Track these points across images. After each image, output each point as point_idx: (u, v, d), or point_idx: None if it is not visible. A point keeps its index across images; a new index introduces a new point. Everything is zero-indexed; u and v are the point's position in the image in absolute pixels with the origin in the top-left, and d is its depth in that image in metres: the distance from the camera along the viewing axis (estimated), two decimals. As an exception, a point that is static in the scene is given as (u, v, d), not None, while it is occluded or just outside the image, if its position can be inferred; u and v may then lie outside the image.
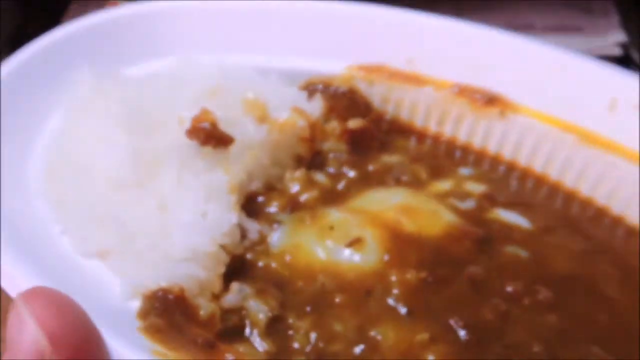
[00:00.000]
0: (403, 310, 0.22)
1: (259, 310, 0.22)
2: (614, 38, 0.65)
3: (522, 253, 0.24)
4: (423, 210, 0.24)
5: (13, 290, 0.19)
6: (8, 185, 0.23)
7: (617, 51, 0.65)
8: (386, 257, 0.23)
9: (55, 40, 0.27)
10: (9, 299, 0.41)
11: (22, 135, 0.25)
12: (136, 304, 0.20)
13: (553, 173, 0.26)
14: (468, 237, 0.24)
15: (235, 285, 0.22)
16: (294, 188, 0.25)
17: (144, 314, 0.20)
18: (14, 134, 0.25)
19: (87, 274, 0.19)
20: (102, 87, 0.26)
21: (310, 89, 0.28)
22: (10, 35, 0.71)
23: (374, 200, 0.25)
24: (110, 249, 0.22)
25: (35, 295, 0.17)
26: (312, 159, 0.27)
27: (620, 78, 0.25)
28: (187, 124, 0.24)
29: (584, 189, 0.26)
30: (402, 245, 0.23)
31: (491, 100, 0.27)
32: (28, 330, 0.16)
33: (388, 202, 0.24)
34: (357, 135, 0.28)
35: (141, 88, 0.26)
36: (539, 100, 0.26)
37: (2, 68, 0.26)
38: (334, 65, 0.29)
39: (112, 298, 0.20)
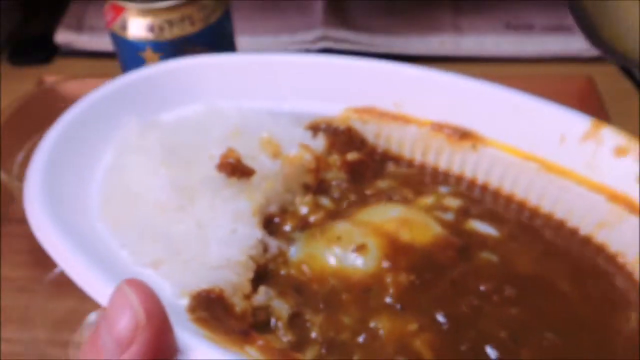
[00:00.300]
0: (397, 306, 0.27)
1: (282, 308, 0.27)
2: (614, 38, 0.64)
3: (493, 257, 0.29)
4: (417, 222, 0.30)
5: (90, 290, 0.26)
6: (74, 209, 0.29)
7: (616, 51, 0.65)
8: (384, 262, 0.28)
9: (106, 93, 0.33)
10: (9, 299, 0.41)
11: (83, 169, 0.31)
12: (184, 302, 0.26)
13: (519, 193, 0.32)
14: (451, 247, 0.29)
15: (262, 289, 0.28)
16: (304, 210, 0.31)
17: (192, 309, 0.25)
18: (77, 167, 0.31)
19: (144, 279, 0.23)
20: (144, 131, 0.32)
21: (314, 128, 0.34)
22: (10, 35, 0.71)
23: (375, 213, 0.30)
24: (160, 260, 0.28)
25: (135, 282, 0.22)
26: (317, 186, 0.33)
27: (567, 116, 0.31)
28: (217, 160, 0.30)
29: (545, 205, 0.31)
30: (397, 252, 0.28)
31: (464, 135, 0.32)
32: (130, 304, 0.21)
33: (388, 214, 0.30)
34: (355, 165, 0.34)
35: (176, 131, 0.33)
36: (504, 135, 0.32)
37: (66, 115, 0.32)
38: (334, 108, 0.35)
39: (166, 297, 0.25)
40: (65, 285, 0.41)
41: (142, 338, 0.21)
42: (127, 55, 0.45)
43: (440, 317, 0.26)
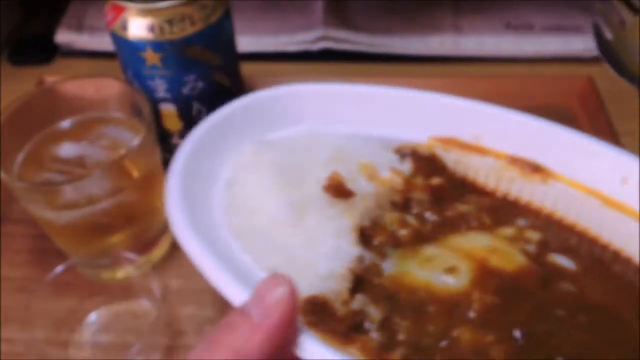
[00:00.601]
0: (479, 321, 0.30)
1: (375, 313, 0.31)
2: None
3: (571, 288, 0.32)
4: (505, 251, 0.33)
5: (221, 287, 0.29)
6: (203, 219, 0.34)
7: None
8: (473, 283, 0.32)
9: (221, 117, 0.38)
10: (9, 299, 0.41)
11: (206, 184, 0.36)
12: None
13: (585, 224, 0.36)
14: (534, 275, 0.32)
15: (359, 296, 0.32)
16: (392, 226, 0.35)
17: (303, 312, 0.29)
18: (202, 181, 0.36)
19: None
20: (257, 150, 0.38)
21: (402, 153, 0.39)
22: (10, 35, 0.71)
23: (465, 240, 0.34)
24: (277, 267, 0.32)
25: (282, 274, 0.27)
26: (403, 204, 0.37)
27: (627, 158, 0.34)
28: (322, 182, 0.35)
29: (612, 240, 0.35)
30: (486, 275, 0.32)
31: (536, 169, 0.37)
32: (282, 286, 0.26)
33: (479, 242, 0.34)
34: (436, 188, 0.38)
35: (284, 152, 0.37)
36: (571, 172, 0.36)
37: (191, 135, 0.37)
38: (420, 136, 0.39)
39: None
40: (65, 285, 0.41)
41: (284, 309, 0.26)
42: (128, 55, 0.46)
43: (516, 333, 0.30)
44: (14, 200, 0.50)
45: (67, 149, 0.44)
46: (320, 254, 0.32)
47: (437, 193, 0.37)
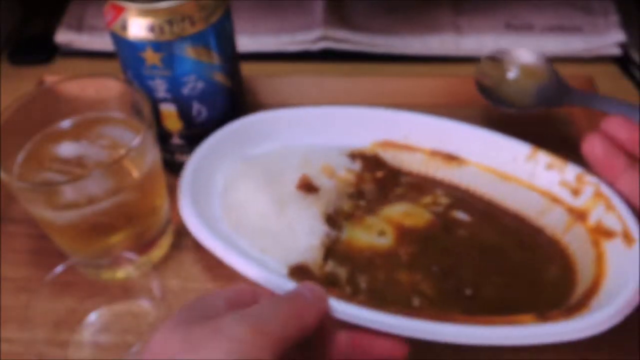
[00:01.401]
0: (408, 265, 0.43)
1: (342, 272, 0.43)
2: (614, 38, 0.64)
3: (466, 233, 0.45)
4: (415, 213, 0.47)
5: (233, 264, 0.40)
6: (205, 214, 0.44)
7: (616, 51, 0.65)
8: (397, 239, 0.45)
9: (216, 137, 0.49)
10: (9, 299, 0.41)
11: (208, 188, 0.47)
12: (285, 272, 0.41)
13: (487, 193, 0.48)
14: (437, 225, 0.45)
15: (330, 262, 0.43)
16: (349, 211, 0.47)
17: (292, 275, 0.41)
18: (205, 187, 0.47)
19: (260, 258, 0.42)
20: (244, 163, 0.49)
21: (353, 156, 0.50)
22: (10, 35, 0.71)
23: (390, 210, 0.47)
24: (267, 248, 0.43)
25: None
26: (357, 194, 0.48)
27: (516, 144, 0.46)
28: (296, 182, 0.47)
29: (504, 201, 0.47)
30: (404, 232, 0.45)
31: (452, 158, 0.49)
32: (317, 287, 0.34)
33: (398, 210, 0.47)
34: (380, 180, 0.49)
35: (266, 163, 0.48)
36: (478, 157, 0.48)
37: (195, 153, 0.48)
38: (365, 142, 0.51)
39: (274, 270, 0.41)
40: (65, 285, 0.41)
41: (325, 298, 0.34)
42: (128, 56, 0.46)
43: (434, 269, 0.42)
44: (14, 200, 0.50)
45: (67, 149, 0.44)
46: (300, 234, 0.43)
47: (381, 183, 0.49)
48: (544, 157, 0.45)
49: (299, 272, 0.41)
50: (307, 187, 0.46)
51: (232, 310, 0.30)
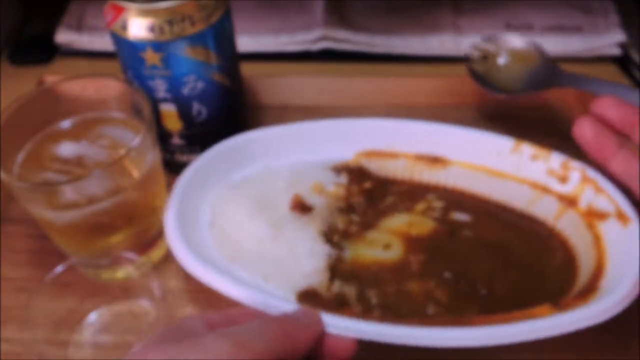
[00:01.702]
0: (419, 274, 0.42)
1: (350, 290, 0.41)
2: (614, 38, 0.64)
3: (470, 233, 0.45)
4: (419, 222, 0.46)
5: (236, 297, 0.38)
6: (192, 233, 0.43)
7: (616, 51, 0.65)
8: (406, 250, 0.44)
9: (199, 162, 0.47)
10: (9, 299, 0.41)
11: (194, 222, 0.45)
12: (293, 299, 0.40)
13: (477, 190, 0.48)
14: (442, 231, 0.45)
15: (336, 282, 0.42)
16: (343, 226, 0.46)
17: (301, 301, 0.40)
18: (190, 221, 0.44)
19: (262, 289, 0.40)
20: (229, 189, 0.47)
21: (337, 169, 0.49)
22: (10, 35, 0.71)
23: (391, 222, 0.46)
24: (270, 275, 0.41)
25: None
26: (347, 208, 0.47)
27: (498, 139, 0.47)
28: (288, 204, 0.45)
29: (494, 195, 0.48)
30: (412, 242, 0.44)
31: (436, 160, 0.49)
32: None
33: (400, 221, 0.46)
34: (368, 191, 0.48)
35: (252, 186, 0.47)
36: (461, 156, 0.48)
37: (180, 178, 0.46)
38: (348, 154, 0.50)
39: (280, 298, 0.39)
40: (65, 285, 0.41)
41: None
42: (128, 56, 0.46)
43: (447, 275, 0.42)
44: (14, 200, 0.50)
45: (67, 149, 0.44)
46: (301, 257, 0.42)
47: (369, 194, 0.48)
48: (528, 149, 0.46)
49: (307, 296, 0.40)
50: (301, 207, 0.45)
51: (213, 330, 0.30)
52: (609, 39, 0.64)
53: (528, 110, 0.57)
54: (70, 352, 0.41)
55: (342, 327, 0.35)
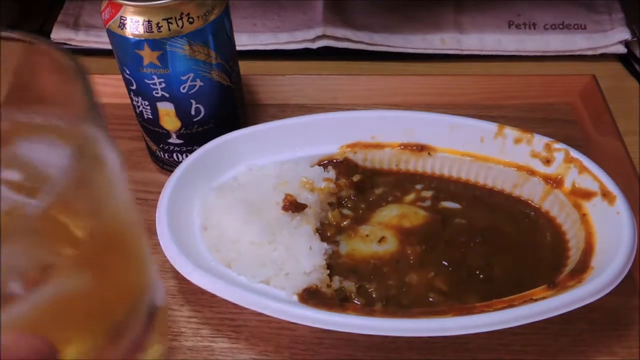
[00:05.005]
0: (417, 265, 0.43)
1: (350, 285, 0.42)
2: (618, 36, 0.64)
3: (463, 221, 0.46)
4: (410, 213, 0.46)
5: (238, 302, 0.39)
6: (185, 240, 0.43)
7: (621, 49, 0.64)
8: (401, 242, 0.44)
9: (187, 165, 0.47)
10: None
11: (185, 230, 0.44)
12: (295, 299, 0.40)
13: (463, 176, 0.49)
14: (435, 220, 0.46)
15: (335, 278, 0.42)
16: (335, 221, 0.46)
17: (303, 300, 0.40)
18: (182, 223, 0.44)
19: (264, 291, 0.40)
20: (218, 193, 0.46)
21: (324, 164, 0.49)
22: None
23: (383, 215, 0.47)
24: (270, 277, 0.41)
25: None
26: (337, 202, 0.48)
27: (481, 124, 0.48)
28: (280, 204, 0.44)
29: (481, 180, 0.49)
30: (406, 234, 0.45)
31: (422, 148, 0.49)
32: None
33: (392, 214, 0.47)
34: (357, 183, 0.48)
35: (240, 190, 0.46)
36: (446, 143, 0.49)
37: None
38: (332, 148, 0.50)
39: (283, 299, 0.40)
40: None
41: None
42: (125, 53, 0.45)
43: (445, 263, 0.43)
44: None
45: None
46: (300, 256, 0.42)
47: (358, 186, 0.48)
48: (511, 132, 0.47)
49: (309, 295, 0.40)
50: (294, 206, 0.44)
51: None
52: (613, 37, 0.63)
53: (529, 111, 0.57)
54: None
55: (354, 325, 0.36)
